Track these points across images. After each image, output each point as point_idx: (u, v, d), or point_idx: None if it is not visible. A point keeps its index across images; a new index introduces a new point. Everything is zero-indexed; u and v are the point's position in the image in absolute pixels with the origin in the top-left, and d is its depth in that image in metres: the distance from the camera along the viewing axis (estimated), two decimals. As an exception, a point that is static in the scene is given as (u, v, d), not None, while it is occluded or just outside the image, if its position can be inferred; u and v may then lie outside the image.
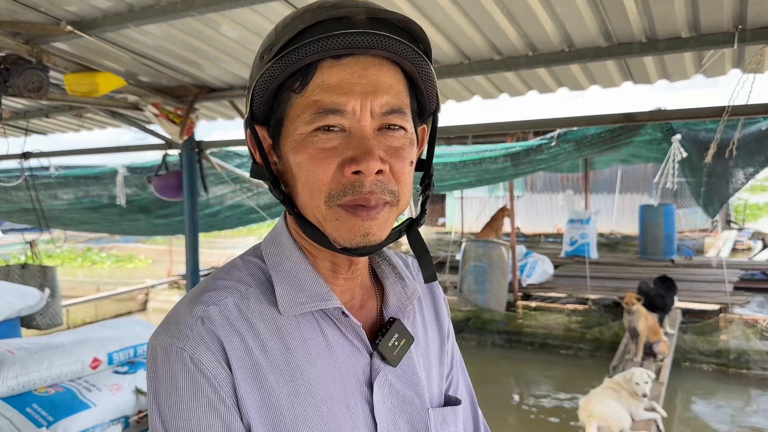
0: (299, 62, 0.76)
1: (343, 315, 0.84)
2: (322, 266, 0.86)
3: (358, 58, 0.76)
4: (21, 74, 2.87)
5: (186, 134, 3.68)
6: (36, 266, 4.81)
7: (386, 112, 0.77)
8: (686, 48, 2.83)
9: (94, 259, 16.24)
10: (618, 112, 3.50)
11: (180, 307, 0.82)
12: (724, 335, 7.37)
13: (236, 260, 0.89)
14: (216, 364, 0.76)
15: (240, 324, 0.80)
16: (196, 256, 4.08)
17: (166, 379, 0.77)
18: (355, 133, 0.76)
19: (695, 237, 14.31)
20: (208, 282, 0.85)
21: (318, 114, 0.76)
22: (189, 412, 0.75)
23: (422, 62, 0.80)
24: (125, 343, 3.59)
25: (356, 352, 0.85)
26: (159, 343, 0.79)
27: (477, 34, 2.89)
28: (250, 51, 3.26)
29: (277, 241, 0.88)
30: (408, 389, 0.89)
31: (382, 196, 0.77)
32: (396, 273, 0.95)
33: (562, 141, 5.05)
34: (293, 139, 0.78)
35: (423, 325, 0.99)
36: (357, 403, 0.83)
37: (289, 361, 0.80)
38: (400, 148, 0.79)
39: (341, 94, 0.75)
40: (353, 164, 0.75)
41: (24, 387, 3.13)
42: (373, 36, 0.75)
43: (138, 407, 3.42)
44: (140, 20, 2.78)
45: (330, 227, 0.78)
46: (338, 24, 0.74)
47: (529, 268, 9.38)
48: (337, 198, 0.76)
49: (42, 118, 4.67)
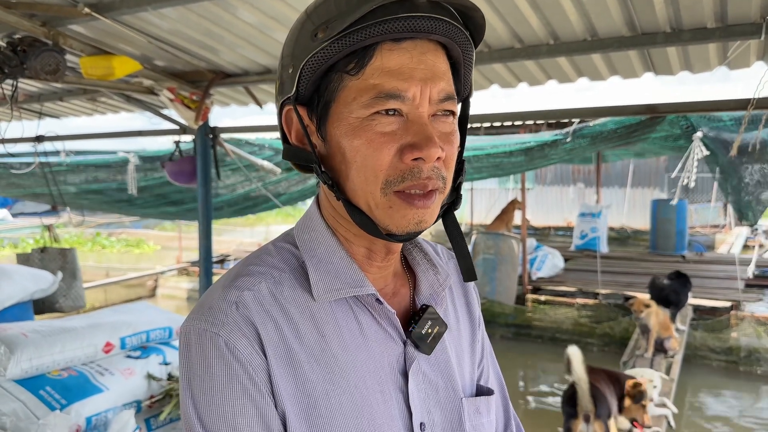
0: (360, 43, 0.73)
1: (377, 302, 0.83)
2: (357, 252, 0.85)
3: (416, 42, 0.75)
4: (38, 56, 2.85)
5: (201, 120, 3.67)
6: (55, 249, 4.83)
7: (442, 99, 0.77)
8: (712, 39, 2.78)
9: (104, 244, 16.32)
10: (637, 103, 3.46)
11: (214, 292, 0.81)
12: (735, 333, 7.31)
13: (268, 246, 0.88)
14: (251, 350, 0.75)
15: (274, 310, 0.79)
16: (209, 242, 4.07)
17: (200, 365, 0.76)
18: (414, 118, 0.75)
19: (707, 233, 14.22)
20: (242, 267, 0.84)
21: (378, 98, 0.74)
22: (223, 397, 0.74)
23: (470, 48, 0.80)
24: (138, 328, 3.59)
25: (390, 340, 0.84)
26: (193, 328, 0.78)
27: (499, 22, 2.84)
28: (267, 36, 3.23)
29: (311, 227, 0.87)
30: (441, 378, 0.88)
31: (437, 182, 0.77)
32: (428, 260, 0.94)
33: (578, 136, 4.98)
34: (348, 122, 0.76)
35: (455, 313, 0.98)
36: (391, 392, 0.82)
37: (324, 348, 0.79)
38: (451, 133, 0.79)
39: (402, 79, 0.74)
40: (415, 150, 0.74)
41: (37, 370, 3.15)
42: (436, 21, 0.73)
43: (150, 392, 3.43)
44: (158, 3, 2.75)
45: (382, 214, 0.77)
46: (402, 7, 0.72)
47: (539, 262, 9.35)
48: (394, 184, 0.76)
49: (56, 101, 4.66)
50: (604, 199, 14.36)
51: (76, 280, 4.84)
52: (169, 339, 3.76)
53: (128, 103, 4.18)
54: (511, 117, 3.77)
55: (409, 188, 0.76)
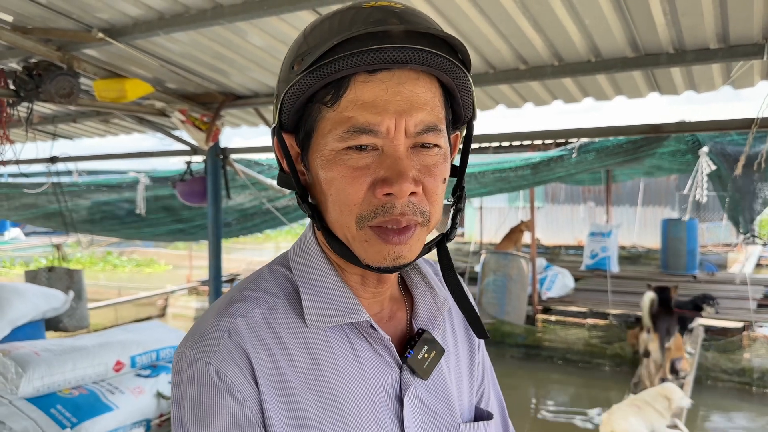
0: (332, 76, 0.72)
1: (372, 328, 0.82)
2: (351, 279, 0.84)
3: (393, 72, 0.73)
4: (53, 80, 2.93)
5: (212, 141, 3.73)
6: (63, 269, 4.88)
7: (421, 131, 0.74)
8: (715, 59, 2.81)
9: (115, 263, 16.43)
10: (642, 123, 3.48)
11: (207, 319, 0.81)
12: (748, 353, 7.22)
13: (263, 270, 0.88)
14: (242, 380, 0.75)
15: (267, 337, 0.78)
16: (218, 261, 4.11)
17: (190, 393, 0.75)
18: (388, 152, 0.73)
19: (718, 252, 14.08)
20: (236, 292, 0.83)
21: (351, 132, 0.73)
22: (212, 427, 0.73)
23: (460, 73, 0.77)
24: (148, 346, 3.63)
25: (385, 366, 0.83)
26: (185, 355, 0.77)
27: (503, 44, 2.89)
28: (276, 59, 3.30)
29: (305, 251, 0.86)
30: (439, 403, 0.87)
31: (414, 217, 0.74)
32: (426, 282, 0.93)
33: (583, 151, 5.00)
34: (323, 154, 0.76)
35: (453, 335, 0.97)
36: (386, 419, 0.81)
37: (317, 375, 0.78)
38: (434, 166, 0.76)
39: (375, 113, 0.72)
40: (385, 186, 0.72)
41: (49, 388, 3.18)
42: (411, 51, 0.71)
43: (159, 411, 3.45)
44: (170, 28, 2.82)
45: (359, 248, 0.77)
46: (374, 38, 0.70)
47: (549, 281, 9.29)
48: (367, 219, 0.74)
49: (69, 123, 4.75)
50: (615, 218, 14.29)
51: (81, 301, 4.88)
52: (179, 358, 3.78)
53: (140, 125, 4.26)
54: (518, 137, 3.81)
55: (382, 224, 0.74)
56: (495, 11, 2.58)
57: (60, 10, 2.82)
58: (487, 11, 2.59)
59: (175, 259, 16.63)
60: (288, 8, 2.50)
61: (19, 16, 2.91)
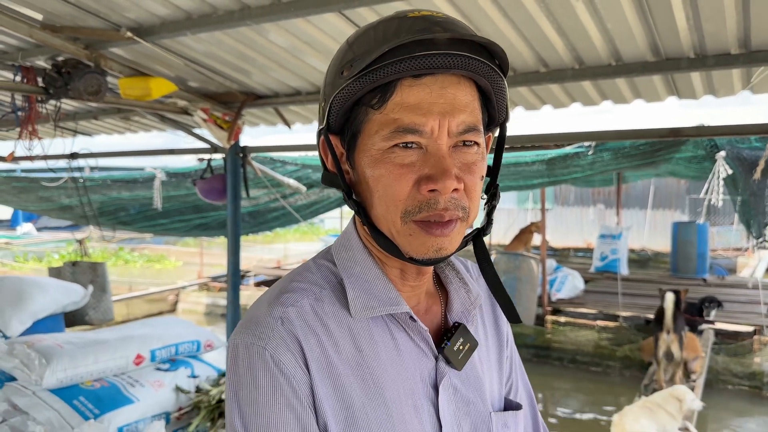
0: (380, 80, 0.78)
1: (411, 319, 0.87)
2: (391, 273, 0.89)
3: (437, 77, 0.78)
4: (81, 78, 2.98)
5: (233, 139, 3.78)
6: (86, 263, 4.96)
7: (462, 131, 0.80)
8: (736, 64, 2.82)
9: (127, 259, 16.55)
10: (660, 127, 3.50)
11: (260, 307, 0.86)
12: (758, 357, 7.22)
13: (309, 263, 0.93)
14: (295, 365, 0.80)
15: (316, 325, 0.83)
16: (237, 258, 4.16)
17: (247, 376, 0.80)
18: (432, 151, 0.79)
19: (728, 256, 14.04)
20: (285, 283, 0.88)
21: (397, 132, 0.78)
22: (267, 409, 0.78)
23: (497, 77, 0.82)
24: (167, 341, 3.68)
25: (422, 356, 0.88)
26: (241, 341, 0.82)
27: (525, 47, 2.92)
28: (299, 60, 3.34)
29: (348, 246, 0.91)
30: (471, 392, 0.92)
31: (456, 212, 0.80)
32: (460, 278, 0.97)
33: (600, 150, 5.00)
34: (370, 153, 0.81)
35: (484, 329, 1.01)
36: (423, 405, 0.86)
37: (360, 362, 0.83)
38: (473, 163, 0.82)
39: (420, 114, 0.77)
40: (430, 182, 0.78)
41: (72, 380, 3.24)
42: (454, 57, 0.76)
43: (178, 404, 3.50)
44: (197, 28, 2.86)
45: (403, 241, 0.81)
46: (421, 45, 0.75)
47: (559, 283, 9.32)
48: (412, 214, 0.79)
49: (90, 120, 4.81)
50: (625, 220, 14.27)
51: (105, 294, 4.95)
52: (198, 352, 3.84)
53: (162, 123, 4.31)
54: (534, 139, 3.82)
55: (426, 218, 0.79)
56: (518, 15, 2.61)
57: (89, 9, 2.87)
58: (510, 14, 2.62)
59: (185, 255, 16.74)
60: (315, 10, 2.54)
61: (49, 14, 2.96)
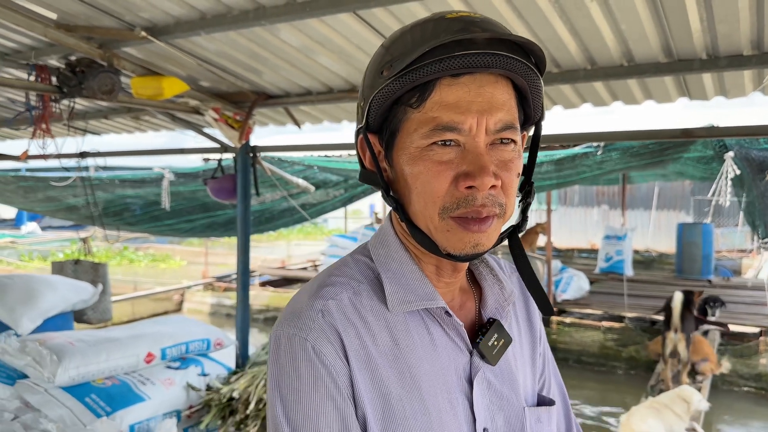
0: (420, 80, 0.79)
1: (447, 314, 0.88)
2: (427, 269, 0.91)
3: (475, 76, 0.79)
4: (95, 77, 3.00)
5: (244, 139, 3.79)
6: (88, 262, 4.97)
7: (500, 129, 0.81)
8: (748, 66, 2.83)
9: (131, 258, 16.59)
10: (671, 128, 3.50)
11: (300, 300, 0.88)
12: (764, 359, 7.22)
13: (347, 258, 0.95)
14: (335, 356, 0.81)
15: (354, 318, 0.85)
16: (247, 257, 4.17)
17: (289, 367, 0.82)
18: (470, 148, 0.80)
19: (733, 257, 14.02)
20: (325, 277, 0.90)
21: (436, 130, 0.80)
22: (308, 398, 0.80)
23: (534, 76, 0.83)
24: (178, 339, 3.69)
25: (457, 350, 0.89)
26: (283, 332, 0.84)
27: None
28: (310, 59, 3.35)
29: (385, 242, 0.93)
30: (505, 387, 0.93)
31: (493, 209, 0.81)
32: (493, 275, 0.99)
33: (609, 149, 5.00)
34: (409, 151, 0.83)
35: (517, 326, 1.03)
36: (458, 399, 0.87)
37: (397, 355, 0.85)
38: (510, 161, 0.83)
39: (459, 112, 0.79)
40: (468, 179, 0.79)
41: (83, 378, 3.25)
42: (492, 56, 0.77)
43: (189, 402, 3.52)
44: (211, 28, 2.87)
45: (441, 237, 0.83)
46: (460, 45, 0.77)
47: (565, 284, 9.30)
48: (450, 210, 0.80)
49: (101, 119, 4.84)
50: (629, 221, 14.27)
51: (105, 294, 4.94)
52: (207, 350, 3.85)
53: (173, 122, 4.33)
54: (545, 140, 3.82)
55: (464, 215, 0.80)
56: (533, 15, 2.62)
57: (103, 8, 2.88)
58: (525, 15, 2.63)
59: (190, 255, 16.77)
60: (330, 10, 2.55)
61: (64, 13, 2.97)
